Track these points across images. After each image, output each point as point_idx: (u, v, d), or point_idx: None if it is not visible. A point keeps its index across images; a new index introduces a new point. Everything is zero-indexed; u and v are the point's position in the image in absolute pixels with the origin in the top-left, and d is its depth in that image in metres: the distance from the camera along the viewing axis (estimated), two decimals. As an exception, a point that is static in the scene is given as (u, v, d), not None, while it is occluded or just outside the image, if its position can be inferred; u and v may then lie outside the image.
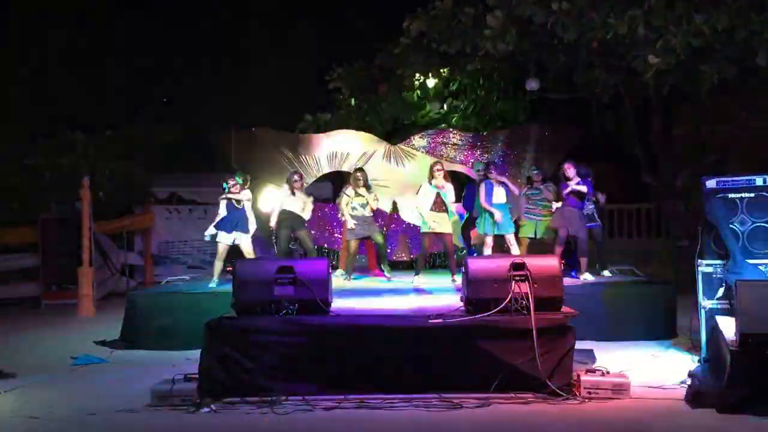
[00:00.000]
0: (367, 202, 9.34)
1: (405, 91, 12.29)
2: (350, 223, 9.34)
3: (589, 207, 9.21)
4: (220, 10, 17.50)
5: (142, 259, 14.27)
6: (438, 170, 8.74)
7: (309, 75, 14.57)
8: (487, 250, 8.94)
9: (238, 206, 8.87)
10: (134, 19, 17.02)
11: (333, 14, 16.70)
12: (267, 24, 17.50)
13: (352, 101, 12.84)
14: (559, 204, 8.95)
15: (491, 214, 8.87)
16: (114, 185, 12.89)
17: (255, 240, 9.26)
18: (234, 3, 17.42)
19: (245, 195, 8.91)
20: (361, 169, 9.72)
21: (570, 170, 8.86)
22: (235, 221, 8.85)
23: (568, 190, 8.71)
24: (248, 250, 8.92)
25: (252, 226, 9.00)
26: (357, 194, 9.36)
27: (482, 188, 9.00)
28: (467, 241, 10.10)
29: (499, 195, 8.96)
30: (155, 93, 17.96)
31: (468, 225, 9.94)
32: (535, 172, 9.68)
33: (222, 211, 8.95)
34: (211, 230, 9.01)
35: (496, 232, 8.93)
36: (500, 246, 9.21)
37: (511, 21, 9.36)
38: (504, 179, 9.18)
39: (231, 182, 8.92)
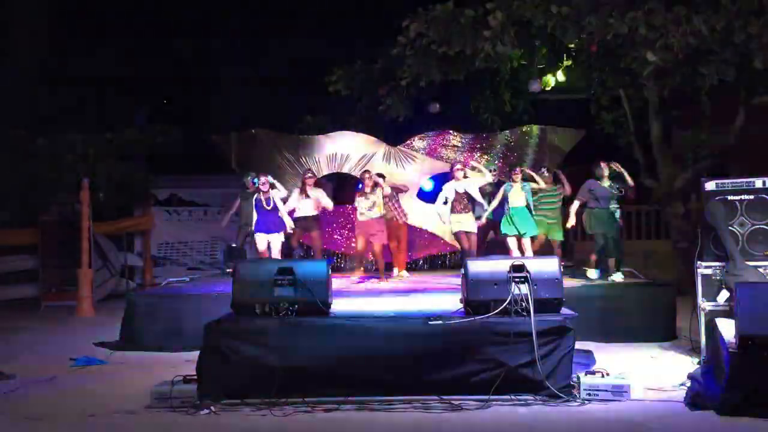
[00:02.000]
0: (374, 204, 9.39)
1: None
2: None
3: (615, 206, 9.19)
4: (221, 10, 17.50)
5: (142, 261, 14.26)
6: (458, 170, 9.14)
7: (308, 76, 14.58)
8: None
9: (268, 207, 8.97)
10: (134, 19, 17.02)
11: (333, 15, 16.70)
12: (267, 24, 17.50)
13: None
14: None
15: (510, 216, 9.08)
16: (114, 186, 12.87)
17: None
18: (234, 3, 17.42)
19: (277, 194, 9.08)
20: (366, 171, 9.81)
21: (605, 170, 8.87)
22: (271, 222, 9.02)
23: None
24: (279, 248, 9.05)
25: (288, 223, 9.11)
26: (365, 197, 9.43)
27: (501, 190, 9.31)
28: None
29: (518, 197, 9.15)
30: (155, 94, 17.96)
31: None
32: (546, 174, 9.70)
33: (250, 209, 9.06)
34: (258, 238, 9.08)
35: (513, 233, 9.08)
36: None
37: (510, 22, 9.37)
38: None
39: (263, 179, 9.01)
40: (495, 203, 9.32)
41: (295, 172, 11.41)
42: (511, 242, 9.13)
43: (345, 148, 11.49)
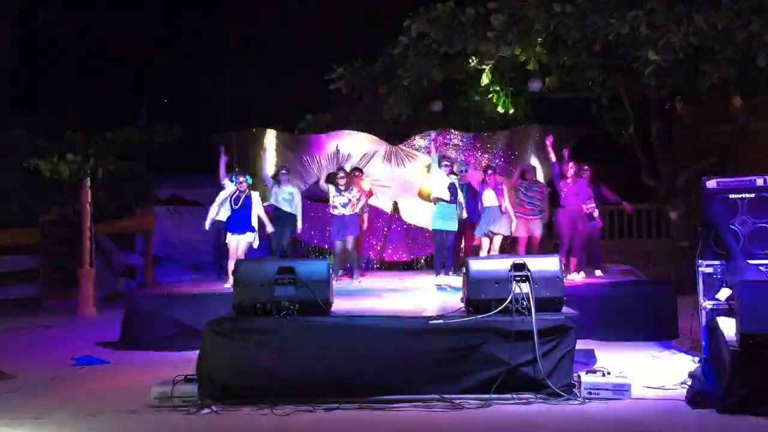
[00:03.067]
0: (348, 201, 9.36)
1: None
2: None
3: (591, 205, 9.27)
4: (221, 9, 17.51)
5: (143, 260, 14.27)
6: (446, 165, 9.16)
7: (309, 75, 14.59)
8: (483, 253, 9.10)
9: (236, 206, 8.84)
10: (135, 19, 17.03)
11: (334, 14, 16.70)
12: (267, 23, 17.50)
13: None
14: None
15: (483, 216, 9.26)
16: (114, 186, 12.87)
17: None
18: (235, 3, 17.43)
19: (254, 196, 8.94)
20: (342, 168, 9.82)
21: (571, 169, 9.01)
22: (240, 222, 8.83)
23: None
24: (244, 248, 8.85)
25: (256, 225, 9.00)
26: (339, 193, 9.39)
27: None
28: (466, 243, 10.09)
29: (489, 198, 9.27)
30: (156, 93, 17.97)
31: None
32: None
33: (221, 199, 8.97)
34: (213, 212, 8.97)
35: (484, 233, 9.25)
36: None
37: (512, 22, 9.37)
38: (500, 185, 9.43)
39: (240, 179, 8.93)
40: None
41: (295, 172, 11.40)
42: (484, 242, 9.30)
43: (346, 147, 11.47)
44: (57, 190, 12.65)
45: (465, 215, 9.36)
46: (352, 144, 11.53)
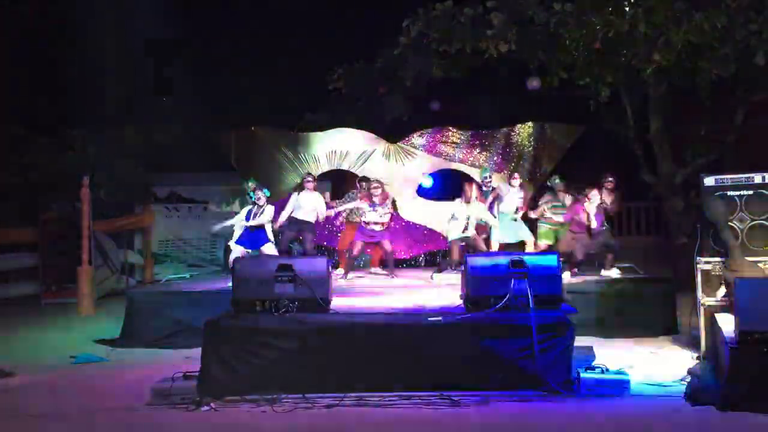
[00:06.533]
0: (382, 216, 9.34)
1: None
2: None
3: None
4: (220, 9, 17.48)
5: (142, 258, 14.26)
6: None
7: (309, 74, 14.58)
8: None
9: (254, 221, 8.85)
10: (135, 17, 17.00)
11: (334, 14, 16.68)
12: (267, 23, 17.48)
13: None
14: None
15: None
16: (114, 184, 12.86)
17: None
18: (234, 2, 17.40)
19: (268, 214, 8.89)
20: (378, 181, 9.71)
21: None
22: (256, 238, 8.82)
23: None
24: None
25: (271, 236, 8.98)
26: (372, 208, 9.37)
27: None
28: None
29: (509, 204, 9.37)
30: (155, 91, 17.93)
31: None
32: (557, 182, 9.71)
33: (240, 218, 8.91)
34: (234, 249, 8.90)
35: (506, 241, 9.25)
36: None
37: (512, 21, 9.38)
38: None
39: (259, 194, 8.87)
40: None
41: (294, 170, 11.41)
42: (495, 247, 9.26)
43: (344, 145, 11.49)
44: (57, 189, 12.63)
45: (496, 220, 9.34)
46: (351, 142, 11.54)
